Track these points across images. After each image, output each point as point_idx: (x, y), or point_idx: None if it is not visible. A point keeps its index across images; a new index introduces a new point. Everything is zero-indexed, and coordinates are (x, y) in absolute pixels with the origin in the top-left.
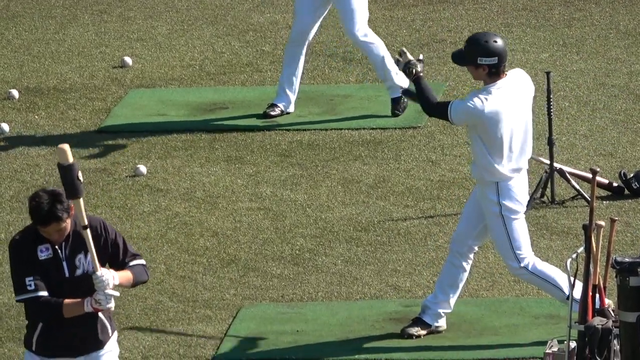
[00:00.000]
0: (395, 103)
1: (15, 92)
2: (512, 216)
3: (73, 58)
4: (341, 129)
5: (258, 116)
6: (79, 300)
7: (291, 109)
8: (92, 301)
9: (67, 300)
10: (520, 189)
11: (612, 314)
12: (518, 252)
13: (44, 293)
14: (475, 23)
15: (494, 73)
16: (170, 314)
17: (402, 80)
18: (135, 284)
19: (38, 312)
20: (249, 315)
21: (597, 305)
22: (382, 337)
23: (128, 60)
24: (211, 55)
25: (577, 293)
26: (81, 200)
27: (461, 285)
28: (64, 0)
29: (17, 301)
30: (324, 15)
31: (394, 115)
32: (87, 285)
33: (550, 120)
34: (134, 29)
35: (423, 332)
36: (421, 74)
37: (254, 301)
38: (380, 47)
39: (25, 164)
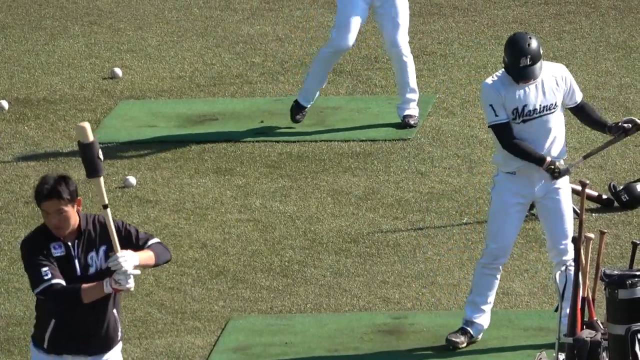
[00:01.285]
0: (407, 118)
1: (4, 103)
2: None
3: (63, 69)
4: (331, 141)
5: (255, 129)
6: (97, 283)
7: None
8: (112, 281)
9: (85, 285)
10: None
11: (601, 327)
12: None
13: (61, 281)
14: (465, 36)
15: None
16: (159, 325)
17: (414, 110)
18: (158, 262)
19: (57, 298)
20: (238, 327)
21: (586, 318)
22: (371, 349)
23: (118, 71)
24: (201, 67)
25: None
26: (101, 179)
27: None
28: (54, 12)
29: (37, 294)
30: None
31: (410, 126)
32: None
33: None
34: (124, 41)
35: (465, 343)
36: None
37: (242, 313)
38: (412, 66)
39: (15, 174)
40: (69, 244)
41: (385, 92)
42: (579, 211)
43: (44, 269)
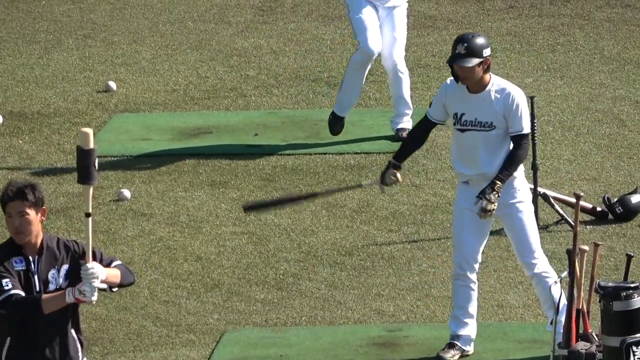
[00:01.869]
0: (400, 131)
1: None
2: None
3: (57, 83)
4: (325, 154)
5: (250, 142)
6: (59, 292)
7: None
8: (76, 291)
9: (45, 295)
10: None
11: (596, 339)
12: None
13: (21, 292)
14: None
15: (488, 68)
16: (154, 338)
17: (408, 123)
18: (122, 283)
19: (17, 308)
20: (233, 340)
21: (581, 330)
22: None
23: (112, 84)
24: (195, 80)
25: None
26: (91, 188)
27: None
28: (48, 25)
29: None
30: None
31: (400, 139)
32: None
33: (534, 144)
34: (118, 54)
35: (457, 356)
36: None
37: (237, 326)
38: (407, 80)
39: None
40: (30, 258)
41: (380, 105)
42: (573, 223)
43: (4, 280)
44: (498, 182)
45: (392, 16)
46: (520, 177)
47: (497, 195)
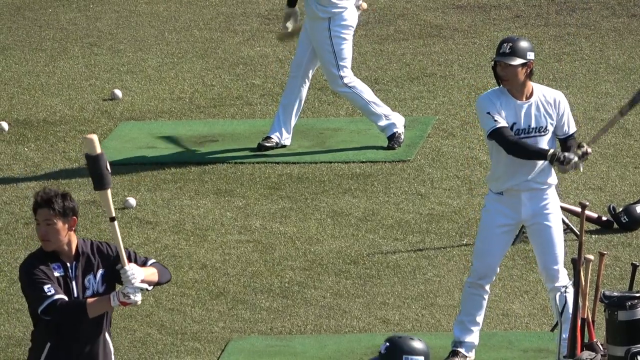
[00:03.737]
0: (391, 140)
1: (4, 125)
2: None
3: (63, 90)
4: (331, 162)
5: (251, 149)
6: (104, 296)
7: (287, 142)
8: (120, 295)
9: (90, 299)
10: None
11: (601, 348)
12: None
13: (64, 296)
14: (465, 57)
15: (532, 73)
16: (159, 346)
17: (397, 119)
18: (160, 281)
19: (62, 313)
20: (238, 348)
21: (586, 339)
22: None
23: (118, 92)
24: (201, 88)
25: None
26: (109, 192)
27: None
28: (54, 33)
29: (40, 313)
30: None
31: (391, 148)
32: None
33: None
34: (124, 62)
35: None
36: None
37: (242, 334)
38: (364, 92)
39: (15, 196)
40: (68, 264)
41: None
42: (578, 233)
43: (46, 286)
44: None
45: (315, 31)
46: (552, 188)
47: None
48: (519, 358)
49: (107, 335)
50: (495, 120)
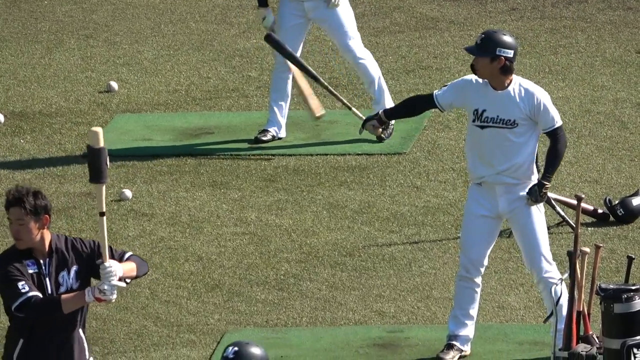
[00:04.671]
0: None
1: (0, 116)
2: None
3: (59, 82)
4: (327, 155)
5: (248, 141)
6: (78, 292)
7: (282, 134)
8: (96, 291)
9: (64, 295)
10: None
11: (597, 341)
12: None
13: (39, 293)
14: (461, 50)
15: (508, 69)
16: (155, 338)
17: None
18: (138, 274)
19: (37, 310)
20: (233, 340)
21: (582, 332)
22: None
23: (114, 84)
24: (197, 81)
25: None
26: (103, 187)
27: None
28: (50, 25)
29: (14, 310)
30: (304, 39)
31: (380, 140)
32: None
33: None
34: (120, 54)
35: (456, 357)
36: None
37: (238, 326)
38: (375, 67)
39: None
40: (41, 261)
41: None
42: (574, 225)
43: (20, 283)
44: (546, 182)
45: (328, 8)
46: (534, 180)
47: (544, 197)
48: (514, 351)
49: (81, 331)
50: (441, 90)
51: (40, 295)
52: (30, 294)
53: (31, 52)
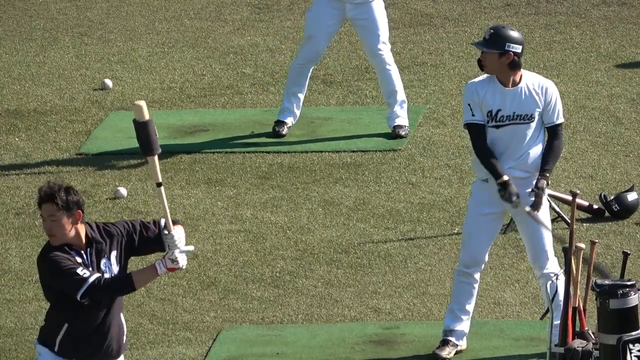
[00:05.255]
0: (397, 128)
1: None
2: None
3: (53, 80)
4: (322, 152)
5: (242, 138)
6: (149, 266)
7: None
8: (168, 261)
9: (134, 271)
10: None
11: (592, 337)
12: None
13: (100, 275)
14: (456, 46)
15: (516, 64)
16: (150, 336)
17: (404, 119)
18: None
19: (108, 290)
20: (229, 338)
21: (578, 328)
22: (362, 359)
23: (108, 82)
24: (192, 78)
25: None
26: (156, 158)
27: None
28: (45, 23)
29: (80, 297)
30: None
31: (400, 137)
32: None
33: None
34: (115, 52)
35: (452, 352)
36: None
37: (234, 323)
38: (398, 79)
39: (5, 186)
40: (82, 252)
41: (376, 103)
42: (569, 221)
43: (78, 269)
44: (547, 175)
45: (367, 11)
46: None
47: (543, 192)
48: (510, 346)
49: (121, 315)
50: (473, 115)
51: (107, 275)
52: (94, 276)
53: (25, 50)
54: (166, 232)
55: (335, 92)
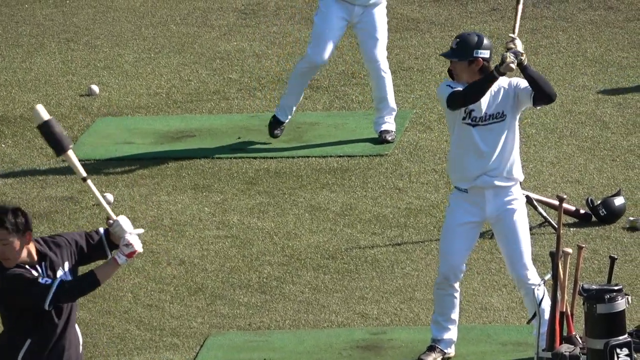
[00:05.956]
0: (384, 133)
1: None
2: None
3: (40, 86)
4: (308, 157)
5: (233, 145)
6: (108, 260)
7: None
8: (123, 249)
9: (95, 268)
10: None
11: (580, 341)
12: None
13: (61, 279)
14: (442, 50)
15: (487, 68)
16: (138, 342)
17: (391, 125)
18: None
19: (75, 291)
20: (217, 344)
21: (565, 333)
22: None
23: (95, 88)
24: (178, 84)
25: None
26: (71, 152)
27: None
28: (31, 29)
29: (49, 304)
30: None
31: (387, 142)
32: None
33: None
34: (101, 57)
35: (438, 359)
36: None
37: (221, 329)
38: (391, 87)
39: None
40: (37, 267)
41: (363, 108)
42: (556, 226)
43: (40, 279)
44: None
45: (371, 15)
46: (517, 186)
47: (519, 57)
48: (497, 351)
49: (76, 325)
50: (452, 87)
51: (69, 277)
52: (57, 281)
53: (12, 56)
54: (110, 221)
55: (322, 97)
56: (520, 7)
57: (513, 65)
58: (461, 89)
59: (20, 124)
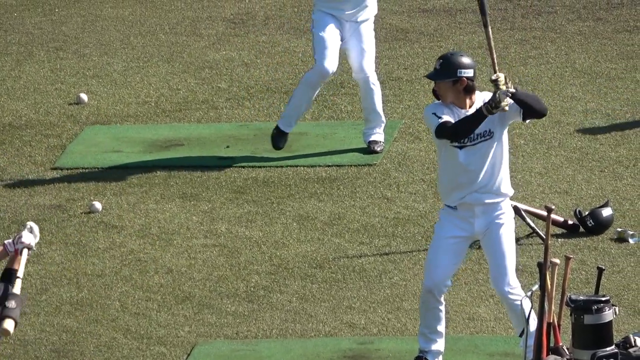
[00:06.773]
0: (372, 144)
1: None
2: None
3: (28, 95)
4: (297, 166)
5: (221, 154)
6: None
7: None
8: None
9: None
10: None
11: (567, 352)
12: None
13: None
14: (431, 61)
15: (471, 88)
16: (125, 350)
17: (380, 135)
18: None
19: None
20: (204, 353)
21: (552, 344)
22: None
23: (83, 96)
24: (167, 92)
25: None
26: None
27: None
28: (20, 37)
29: None
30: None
31: (375, 152)
32: None
33: None
34: (90, 66)
35: None
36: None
37: (208, 338)
38: (379, 99)
39: None
40: None
41: (351, 118)
42: (544, 236)
43: None
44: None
45: (360, 30)
46: (507, 200)
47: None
48: None
49: None
50: (440, 117)
51: None
52: None
53: (0, 65)
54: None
55: (311, 106)
56: (490, 34)
57: (507, 108)
58: (448, 119)
59: (9, 132)
